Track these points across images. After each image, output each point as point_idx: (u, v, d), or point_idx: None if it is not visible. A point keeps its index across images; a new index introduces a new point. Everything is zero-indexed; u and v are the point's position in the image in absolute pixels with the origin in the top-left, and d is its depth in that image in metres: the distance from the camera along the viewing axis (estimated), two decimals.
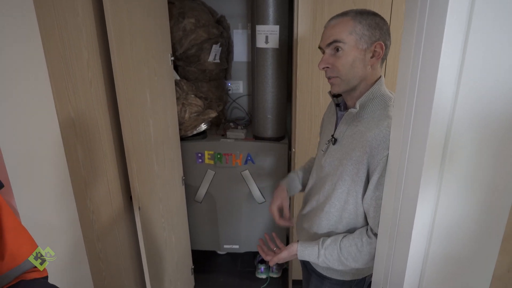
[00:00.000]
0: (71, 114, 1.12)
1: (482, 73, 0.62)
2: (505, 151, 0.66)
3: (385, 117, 0.99)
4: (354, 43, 0.98)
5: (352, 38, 0.98)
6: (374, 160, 0.97)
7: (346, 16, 1.00)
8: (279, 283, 2.44)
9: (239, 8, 2.39)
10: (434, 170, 0.69)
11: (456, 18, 0.59)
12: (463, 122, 0.65)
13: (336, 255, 1.06)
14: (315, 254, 1.09)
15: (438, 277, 0.77)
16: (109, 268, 1.40)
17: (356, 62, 1.00)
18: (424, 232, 0.75)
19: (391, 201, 0.86)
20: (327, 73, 1.04)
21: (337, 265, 1.08)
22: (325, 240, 1.09)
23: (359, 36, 0.98)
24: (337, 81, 1.03)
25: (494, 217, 0.71)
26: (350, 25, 0.98)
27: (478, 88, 0.62)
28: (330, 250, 1.07)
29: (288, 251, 1.14)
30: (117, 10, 1.21)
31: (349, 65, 1.00)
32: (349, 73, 1.01)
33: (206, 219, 2.40)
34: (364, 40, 0.98)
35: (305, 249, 1.11)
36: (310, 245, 1.11)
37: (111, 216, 1.38)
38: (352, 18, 0.98)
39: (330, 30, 1.01)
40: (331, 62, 1.01)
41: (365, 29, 0.98)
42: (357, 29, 0.98)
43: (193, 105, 2.08)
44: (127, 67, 1.30)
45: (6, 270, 0.74)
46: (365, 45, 0.99)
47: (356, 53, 0.99)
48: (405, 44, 0.76)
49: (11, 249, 0.74)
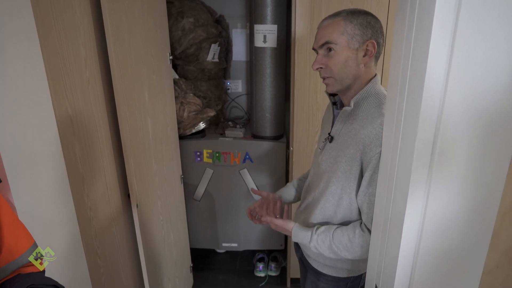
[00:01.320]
0: (69, 112, 1.14)
1: (470, 72, 0.63)
2: (492, 148, 0.67)
3: (379, 115, 1.00)
4: (346, 43, 0.99)
5: (343, 38, 0.99)
6: (367, 157, 0.98)
7: (338, 16, 1.01)
8: (278, 281, 2.45)
9: (238, 8, 2.40)
10: (424, 167, 0.70)
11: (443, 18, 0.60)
12: (452, 120, 0.66)
13: (328, 242, 1.08)
14: (307, 238, 1.12)
15: (429, 272, 0.78)
16: (107, 265, 1.41)
17: (348, 62, 1.01)
18: (414, 228, 0.76)
19: (384, 197, 0.87)
20: (321, 73, 1.06)
21: (328, 252, 1.10)
22: (319, 227, 1.12)
23: (351, 36, 0.99)
24: (331, 81, 1.05)
25: (484, 213, 0.72)
26: (342, 25, 0.99)
27: (466, 86, 0.64)
28: (323, 237, 1.09)
29: (284, 222, 1.17)
30: (115, 8, 1.22)
31: (341, 65, 1.01)
32: (342, 72, 1.02)
33: (204, 218, 2.41)
34: (355, 39, 0.99)
35: (299, 231, 1.14)
36: (305, 229, 1.14)
37: (109, 213, 1.40)
38: (344, 18, 0.99)
39: (322, 31, 1.03)
40: (324, 62, 1.03)
41: (357, 28, 0.99)
42: (348, 28, 0.99)
43: (192, 104, 2.09)
44: (125, 65, 1.31)
45: (3, 264, 0.75)
46: (357, 44, 1.00)
47: (348, 53, 1.00)
48: (395, 43, 0.77)
49: (8, 244, 0.75)
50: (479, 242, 0.75)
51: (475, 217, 0.73)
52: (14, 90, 0.90)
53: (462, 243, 0.75)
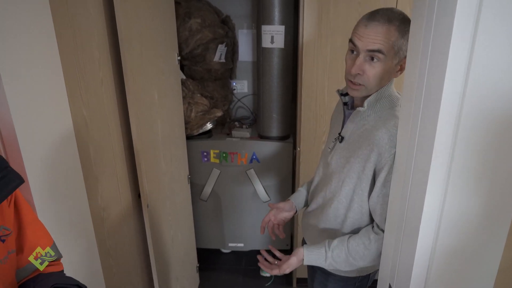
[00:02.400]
0: (83, 113, 1.15)
1: (489, 74, 0.63)
2: (509, 149, 0.68)
3: (392, 117, 1.01)
4: (391, 57, 0.96)
5: (392, 51, 0.95)
6: (382, 158, 0.98)
7: (392, 23, 0.93)
8: (283, 281, 2.46)
9: (244, 9, 2.41)
10: (442, 167, 0.71)
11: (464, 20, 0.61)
12: (470, 120, 0.67)
13: (344, 255, 1.06)
14: (322, 257, 1.08)
15: (445, 270, 0.79)
16: (119, 265, 1.42)
17: (385, 75, 0.99)
18: (431, 227, 0.77)
19: (398, 197, 0.88)
20: (355, 78, 1.00)
21: (344, 266, 1.08)
22: (331, 242, 1.08)
23: (397, 50, 0.95)
24: (361, 88, 1.01)
25: (500, 212, 0.73)
26: (395, 36, 0.93)
27: (485, 88, 0.64)
28: (338, 252, 1.06)
29: (296, 256, 1.11)
30: (127, 10, 1.23)
31: (379, 77, 0.98)
32: (377, 84, 1.00)
33: (211, 218, 2.42)
34: (399, 55, 0.96)
35: (311, 253, 1.09)
36: (316, 248, 1.09)
37: (120, 213, 1.41)
38: (397, 29, 0.93)
39: (375, 36, 0.94)
40: (364, 69, 0.97)
41: (404, 43, 0.94)
42: (399, 42, 0.94)
43: (199, 104, 2.11)
44: (136, 67, 1.32)
45: (25, 263, 0.76)
46: (397, 59, 0.97)
47: (388, 66, 0.97)
48: (412, 45, 0.78)
49: (30, 243, 0.76)
50: (495, 241, 0.75)
51: (491, 216, 0.74)
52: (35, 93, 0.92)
53: (478, 242, 0.76)
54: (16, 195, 0.74)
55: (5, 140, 0.78)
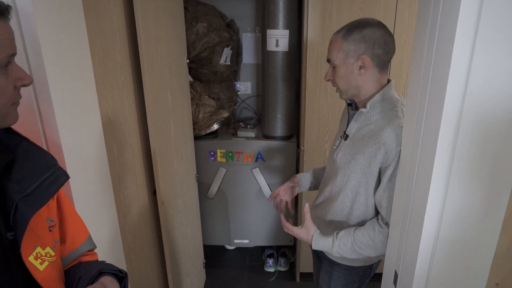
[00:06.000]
0: (109, 114, 1.22)
1: (488, 77, 0.72)
2: (506, 147, 0.77)
3: (395, 117, 1.09)
4: (342, 60, 1.11)
5: (340, 55, 1.11)
6: (388, 156, 1.07)
7: (339, 34, 1.12)
8: (287, 276, 2.54)
9: (247, 13, 2.48)
10: (444, 163, 0.79)
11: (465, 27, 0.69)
12: (470, 120, 0.75)
13: (350, 244, 1.15)
14: (329, 244, 1.18)
15: (447, 257, 0.87)
16: (138, 259, 1.50)
17: (347, 75, 1.13)
18: (434, 218, 0.84)
19: (403, 191, 0.96)
20: (333, 85, 1.20)
21: (350, 253, 1.17)
22: (339, 232, 1.18)
23: (346, 53, 1.10)
24: (339, 90, 1.19)
25: (496, 204, 0.81)
26: (339, 43, 1.11)
27: (484, 90, 0.72)
28: (344, 241, 1.16)
29: (306, 232, 1.22)
30: (146, 17, 1.31)
31: (343, 79, 1.14)
32: (344, 84, 1.15)
33: (217, 215, 2.49)
34: (350, 55, 1.10)
35: (319, 239, 1.20)
36: (325, 236, 1.20)
37: (139, 209, 1.48)
38: (342, 37, 1.10)
39: (329, 47, 1.16)
40: (331, 75, 1.17)
41: (351, 44, 1.09)
42: (344, 46, 1.10)
43: (207, 106, 2.18)
44: (152, 70, 1.39)
45: (67, 252, 0.84)
46: (352, 59, 1.10)
47: (345, 68, 1.12)
48: (416, 50, 0.86)
49: (71, 234, 0.84)
50: (490, 231, 0.84)
51: (488, 209, 0.82)
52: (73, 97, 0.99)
53: (476, 232, 0.84)
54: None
55: (49, 140, 0.85)
